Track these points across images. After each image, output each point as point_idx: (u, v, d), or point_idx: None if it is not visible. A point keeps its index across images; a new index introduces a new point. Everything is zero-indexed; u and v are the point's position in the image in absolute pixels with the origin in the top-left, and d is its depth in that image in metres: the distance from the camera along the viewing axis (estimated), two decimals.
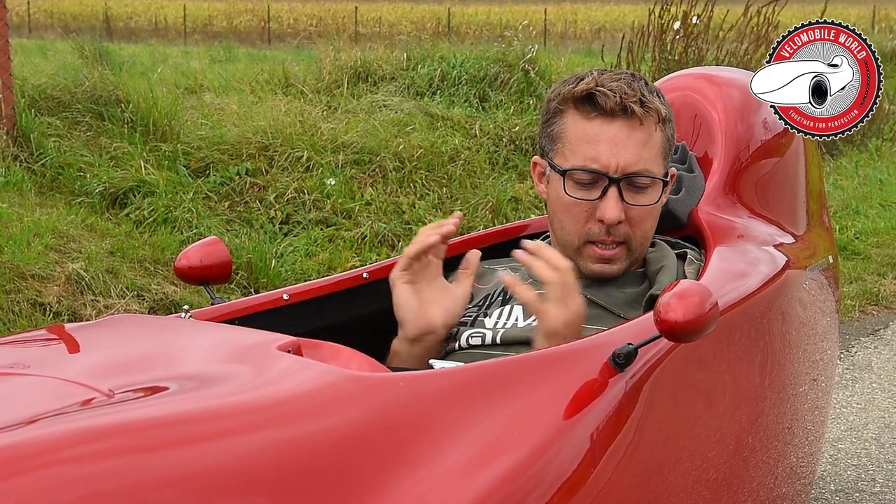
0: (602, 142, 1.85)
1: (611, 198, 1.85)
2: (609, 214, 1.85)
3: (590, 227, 1.88)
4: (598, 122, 1.86)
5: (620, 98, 1.84)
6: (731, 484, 1.95)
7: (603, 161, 1.85)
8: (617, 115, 1.85)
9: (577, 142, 1.87)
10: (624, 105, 1.84)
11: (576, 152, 1.87)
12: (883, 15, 26.58)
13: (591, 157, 1.85)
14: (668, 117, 1.91)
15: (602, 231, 1.88)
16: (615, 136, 1.85)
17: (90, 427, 1.14)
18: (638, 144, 1.86)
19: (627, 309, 1.88)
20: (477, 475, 1.20)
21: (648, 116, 1.86)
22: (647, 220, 1.91)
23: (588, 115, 1.86)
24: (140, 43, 21.29)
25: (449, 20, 28.02)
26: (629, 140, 1.85)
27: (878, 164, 8.68)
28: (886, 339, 5.13)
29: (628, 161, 1.85)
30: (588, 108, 1.86)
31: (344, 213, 5.97)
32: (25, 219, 4.89)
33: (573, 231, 1.90)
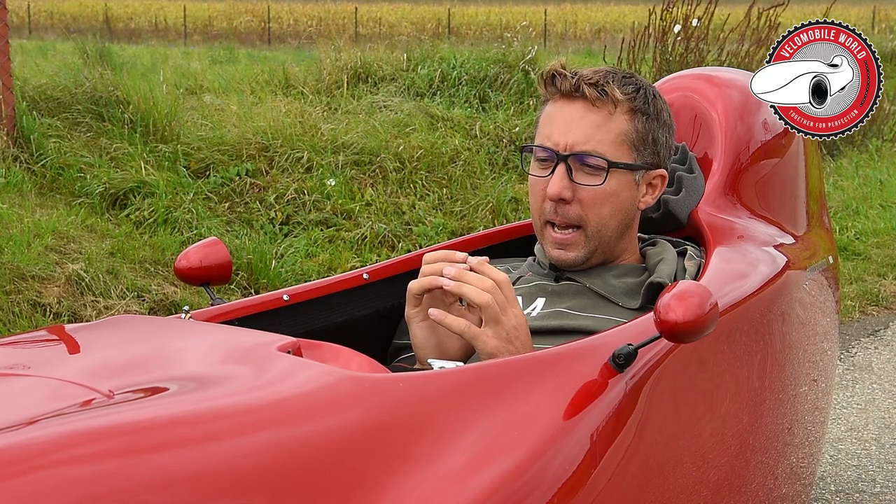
0: (557, 121, 1.91)
1: (556, 174, 1.88)
2: (551, 189, 1.88)
3: (545, 206, 1.92)
4: (559, 104, 1.92)
5: (578, 80, 1.89)
6: (732, 484, 1.95)
7: (555, 139, 1.90)
8: (574, 97, 1.90)
9: (542, 123, 1.95)
10: (578, 86, 1.89)
11: (539, 132, 1.94)
12: (883, 15, 26.59)
13: (545, 135, 1.92)
14: (640, 109, 1.91)
15: (551, 210, 1.90)
16: (569, 116, 1.90)
17: (90, 428, 1.14)
18: (591, 125, 1.89)
19: (626, 298, 1.90)
20: (477, 476, 1.20)
21: (603, 100, 1.88)
22: (603, 205, 1.90)
23: (553, 97, 1.93)
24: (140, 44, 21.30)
25: (449, 21, 28.03)
26: (582, 120, 1.89)
27: (879, 164, 8.68)
28: (887, 340, 5.13)
29: (576, 139, 1.88)
30: (552, 91, 1.93)
31: (344, 213, 5.97)
32: (26, 220, 4.89)
33: (535, 211, 1.95)
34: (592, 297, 1.90)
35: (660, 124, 1.95)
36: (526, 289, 1.96)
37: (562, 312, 1.87)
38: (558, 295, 1.92)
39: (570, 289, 1.93)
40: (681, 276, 1.96)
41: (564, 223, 1.90)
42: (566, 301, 1.90)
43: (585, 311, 1.86)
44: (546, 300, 1.92)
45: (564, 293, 1.93)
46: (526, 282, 1.98)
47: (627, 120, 1.90)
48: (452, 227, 6.03)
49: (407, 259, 2.22)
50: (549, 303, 1.91)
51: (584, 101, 1.89)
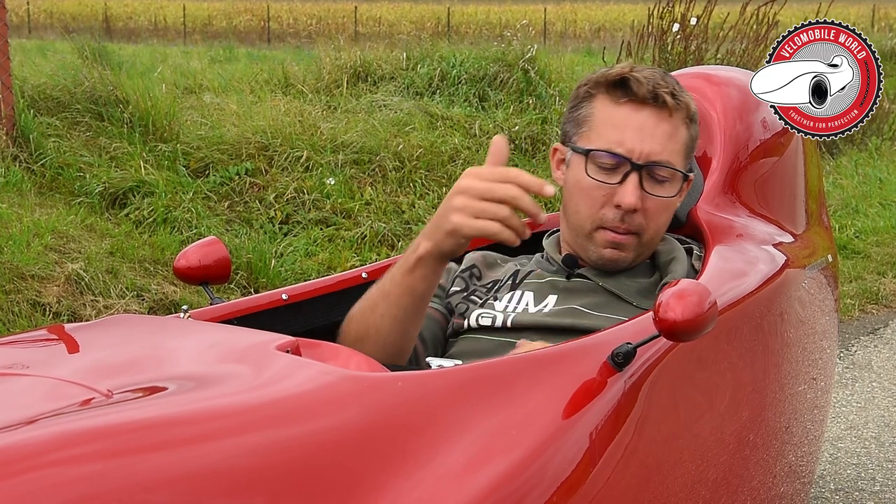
0: (629, 127, 1.85)
1: (630, 183, 1.84)
2: (627, 199, 1.84)
3: (605, 212, 1.87)
4: (627, 108, 1.86)
5: (653, 86, 1.84)
6: (731, 483, 1.95)
7: (628, 146, 1.84)
8: (647, 103, 1.85)
9: (604, 125, 1.87)
10: (656, 93, 1.84)
11: (601, 135, 1.87)
12: (882, 14, 26.59)
13: (616, 141, 1.85)
14: (695, 117, 1.92)
15: (617, 217, 1.86)
16: (643, 124, 1.85)
17: (89, 427, 1.14)
18: (664, 135, 1.85)
19: (641, 298, 1.89)
20: (476, 475, 1.20)
21: (678, 109, 1.86)
22: (663, 214, 1.90)
23: (618, 101, 1.87)
24: (140, 43, 21.30)
25: (448, 20, 28.02)
26: (656, 129, 1.85)
27: (878, 163, 8.68)
28: (886, 338, 5.13)
29: (652, 149, 1.84)
30: (619, 94, 1.86)
31: (343, 212, 5.97)
32: (25, 219, 4.89)
33: (587, 215, 1.89)
34: (606, 296, 1.89)
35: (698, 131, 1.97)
36: (537, 284, 1.94)
37: (576, 310, 1.86)
38: (570, 292, 1.91)
39: (583, 286, 1.92)
40: (691, 275, 1.96)
41: (627, 231, 1.88)
42: (579, 298, 1.89)
43: (600, 311, 1.85)
44: (558, 297, 1.90)
45: (577, 290, 1.91)
46: (537, 277, 1.96)
47: (686, 128, 1.90)
48: None
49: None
50: (561, 299, 1.90)
51: (656, 109, 1.85)
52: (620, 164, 1.85)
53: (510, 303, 1.92)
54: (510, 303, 1.92)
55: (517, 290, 1.94)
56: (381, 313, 1.71)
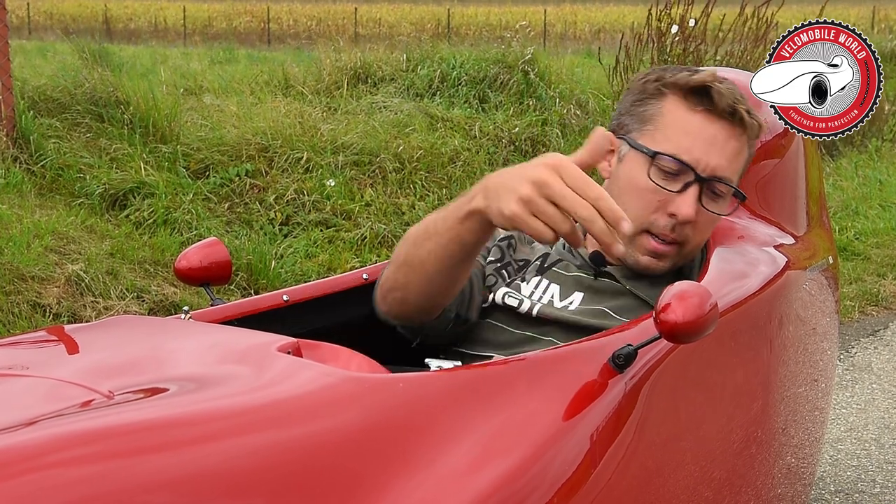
0: (700, 138, 1.81)
1: (690, 194, 1.81)
2: (685, 211, 1.81)
3: (656, 217, 1.84)
4: (700, 117, 1.82)
5: (733, 101, 1.81)
6: (733, 484, 1.95)
7: (695, 155, 1.81)
8: (723, 118, 1.82)
9: (674, 129, 1.83)
10: (734, 109, 1.81)
11: (669, 139, 1.83)
12: (883, 16, 26.60)
13: (684, 149, 1.81)
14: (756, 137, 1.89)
15: (668, 226, 1.83)
16: (714, 137, 1.82)
17: (90, 428, 1.14)
18: (732, 152, 1.83)
19: None
20: (477, 476, 1.20)
21: (751, 129, 1.84)
22: (709, 228, 1.89)
23: (694, 108, 1.83)
24: (140, 44, 21.31)
25: (448, 21, 28.04)
26: (726, 144, 1.82)
27: (878, 164, 8.69)
28: (886, 340, 5.13)
29: (719, 164, 1.82)
30: (696, 101, 1.82)
31: (344, 214, 5.97)
32: (25, 220, 4.90)
33: (636, 216, 1.83)
34: (633, 301, 1.87)
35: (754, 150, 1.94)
36: (563, 277, 1.91)
37: (604, 312, 1.84)
38: (597, 292, 1.88)
39: (610, 288, 1.89)
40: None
41: (673, 241, 1.85)
42: (606, 300, 1.87)
43: (627, 315, 1.83)
44: (584, 295, 1.88)
45: (604, 291, 1.89)
46: (564, 269, 1.92)
47: (749, 148, 1.88)
48: None
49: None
50: (588, 298, 1.87)
51: (728, 124, 1.82)
52: (684, 172, 1.81)
53: (536, 289, 1.89)
54: (536, 289, 1.89)
55: (543, 276, 1.91)
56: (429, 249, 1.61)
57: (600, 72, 8.84)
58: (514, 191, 1.41)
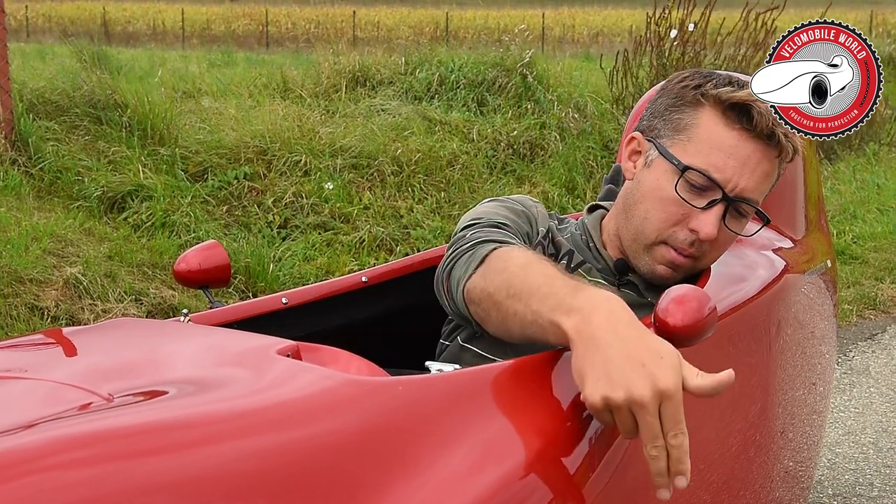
0: (733, 156, 1.78)
1: (714, 213, 1.78)
2: (707, 230, 1.78)
3: (676, 230, 1.81)
4: (736, 135, 1.79)
5: (772, 123, 1.78)
6: (731, 487, 1.95)
7: (727, 175, 1.78)
8: (759, 138, 1.79)
9: (708, 144, 1.79)
10: (773, 132, 1.79)
11: (701, 152, 1.79)
12: (881, 20, 26.63)
13: (716, 166, 1.78)
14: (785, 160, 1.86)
15: (687, 241, 1.80)
16: (748, 157, 1.78)
17: (89, 431, 1.14)
18: (763, 174, 1.80)
19: None
20: (477, 479, 1.20)
21: (786, 152, 1.81)
22: (726, 246, 1.86)
23: (731, 125, 1.79)
24: (138, 47, 21.31)
25: (447, 24, 28.06)
26: (758, 166, 1.79)
27: (876, 168, 8.70)
28: (884, 344, 5.14)
29: (748, 186, 1.79)
30: (734, 118, 1.79)
31: (342, 217, 5.97)
32: (23, 223, 4.89)
33: (657, 227, 1.81)
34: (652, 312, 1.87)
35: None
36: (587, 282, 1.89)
37: None
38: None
39: (631, 300, 1.86)
40: None
41: (691, 256, 1.83)
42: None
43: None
44: None
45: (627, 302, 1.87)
46: (587, 272, 1.89)
47: (778, 170, 1.85)
48: (450, 231, 6.04)
49: (405, 263, 2.22)
50: None
51: (764, 146, 1.79)
52: (711, 189, 1.79)
53: None
54: None
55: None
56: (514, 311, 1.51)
57: (598, 75, 8.85)
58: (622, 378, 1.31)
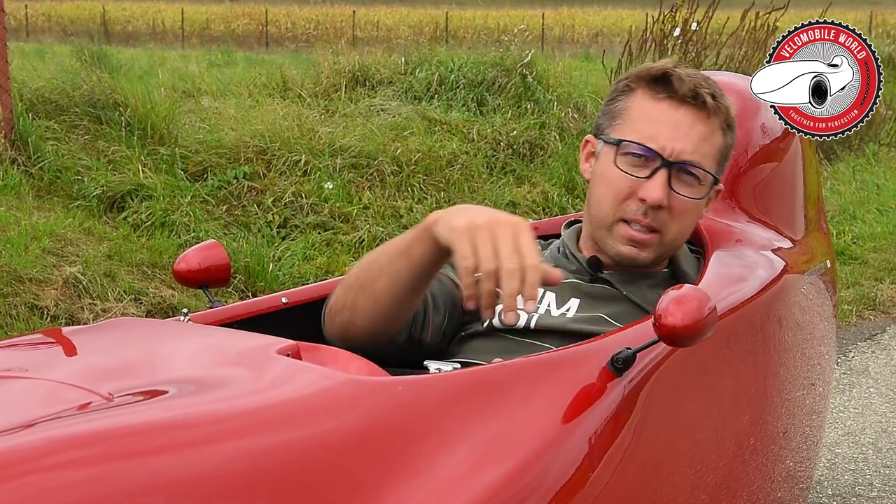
0: (665, 123, 1.84)
1: (658, 179, 1.83)
2: (653, 194, 1.82)
3: (628, 204, 1.85)
4: (665, 105, 1.85)
5: (694, 85, 1.83)
6: (730, 488, 1.96)
7: (661, 142, 1.83)
8: (686, 102, 1.84)
9: (639, 118, 1.86)
10: (696, 93, 1.83)
11: (635, 128, 1.86)
12: (880, 20, 26.63)
13: (649, 136, 1.84)
14: (733, 125, 1.90)
15: (640, 211, 1.84)
16: (679, 122, 1.84)
17: (89, 431, 1.14)
18: (699, 136, 1.84)
19: None
20: (476, 479, 1.20)
21: (717, 113, 1.85)
22: (687, 216, 1.88)
23: (657, 96, 1.86)
24: (138, 47, 21.29)
25: (447, 24, 28.05)
26: (692, 129, 1.84)
27: (876, 169, 8.70)
28: (884, 344, 5.13)
29: (685, 148, 1.83)
30: (659, 89, 1.85)
31: (342, 216, 5.97)
32: (23, 222, 4.89)
33: (610, 206, 1.87)
34: (629, 306, 1.87)
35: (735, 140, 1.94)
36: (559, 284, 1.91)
37: (602, 318, 1.84)
38: (594, 298, 1.88)
39: (606, 293, 1.89)
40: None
41: (649, 227, 1.86)
42: (603, 307, 1.86)
43: (625, 321, 1.82)
44: (581, 301, 1.88)
45: (600, 297, 1.89)
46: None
47: (722, 135, 1.88)
48: None
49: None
50: (584, 305, 1.87)
51: (695, 109, 1.84)
52: (651, 158, 1.84)
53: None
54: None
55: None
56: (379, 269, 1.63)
57: (598, 75, 8.84)
58: (470, 216, 1.47)
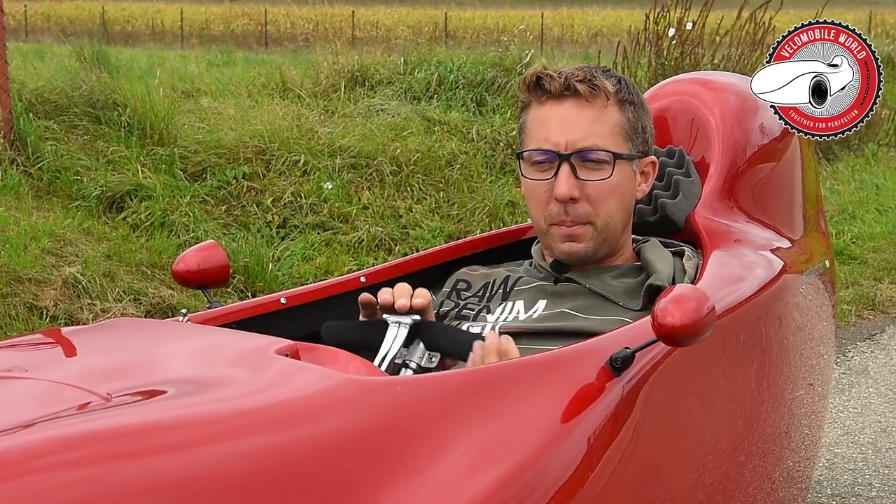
0: (551, 122, 1.89)
1: (562, 174, 1.87)
2: (559, 190, 1.87)
3: (550, 208, 1.90)
4: (548, 105, 1.91)
5: (565, 78, 1.88)
6: (728, 488, 1.96)
7: (553, 140, 1.88)
8: (565, 96, 1.89)
9: (533, 127, 1.93)
10: (568, 84, 1.88)
11: (532, 137, 1.92)
12: (879, 20, 26.62)
13: (542, 138, 1.90)
14: (627, 99, 1.92)
15: (560, 211, 1.89)
16: (564, 115, 1.89)
17: (87, 431, 1.14)
18: (587, 121, 1.88)
19: (627, 298, 1.89)
20: (475, 479, 1.20)
21: (596, 94, 1.88)
22: (610, 198, 1.91)
23: (540, 100, 1.92)
24: (137, 47, 21.28)
25: (446, 24, 28.05)
26: (578, 117, 1.88)
27: (875, 168, 8.70)
28: (883, 344, 5.13)
29: (576, 137, 1.88)
30: (539, 93, 1.91)
31: (341, 217, 5.97)
32: (22, 222, 4.89)
33: (538, 215, 1.93)
34: (593, 298, 1.90)
35: (644, 112, 1.97)
36: (526, 291, 1.95)
37: (564, 313, 1.87)
38: (559, 296, 1.92)
39: (571, 289, 1.93)
40: (679, 276, 1.96)
41: (574, 222, 1.90)
42: (567, 301, 1.90)
43: (588, 312, 1.86)
44: (547, 301, 1.92)
45: (565, 294, 1.92)
46: (526, 283, 1.98)
47: (618, 111, 1.91)
48: (449, 231, 6.04)
49: (403, 262, 2.22)
50: (550, 304, 1.91)
51: (575, 99, 1.89)
52: (550, 158, 1.89)
53: (503, 313, 1.93)
54: (503, 313, 1.93)
55: (509, 300, 1.96)
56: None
57: None
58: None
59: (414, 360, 1.68)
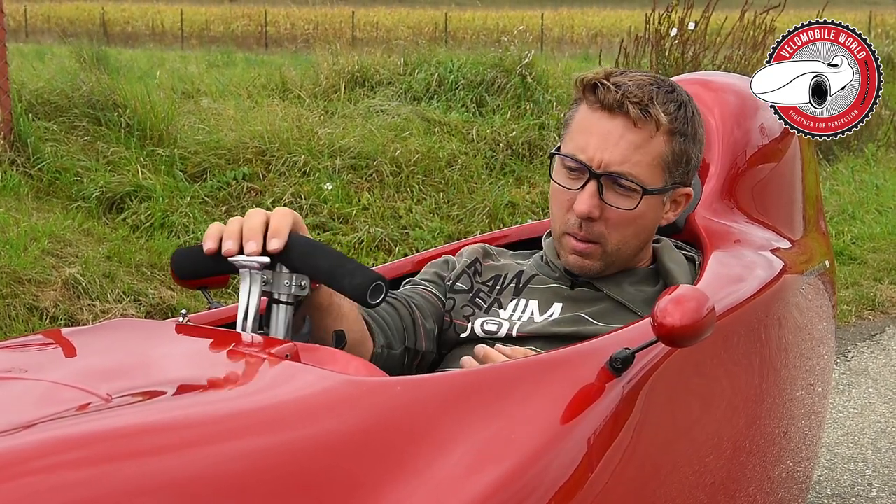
0: (594, 134, 1.83)
1: (587, 191, 1.83)
2: (579, 207, 1.83)
3: (568, 216, 1.86)
4: (598, 115, 1.84)
5: (622, 95, 1.81)
6: (728, 488, 1.96)
7: (589, 153, 1.83)
8: (616, 112, 1.82)
9: (577, 130, 1.87)
10: (622, 103, 1.81)
11: (572, 140, 1.87)
12: (879, 20, 26.62)
13: (580, 147, 1.84)
14: (680, 130, 1.86)
15: (576, 224, 1.85)
16: (608, 132, 1.82)
17: (88, 432, 1.14)
18: (629, 145, 1.82)
19: (645, 308, 1.85)
20: (475, 479, 1.20)
21: (646, 121, 1.82)
22: (628, 227, 1.86)
23: (593, 106, 1.85)
24: (137, 47, 21.29)
25: (446, 25, 28.05)
26: (621, 139, 1.82)
27: (875, 169, 8.70)
28: (883, 344, 5.13)
29: (613, 159, 1.82)
30: (594, 99, 1.85)
31: (341, 217, 5.97)
32: (22, 223, 4.89)
33: (556, 218, 1.90)
34: (611, 305, 1.88)
35: (695, 143, 1.90)
36: (540, 292, 1.93)
37: (581, 318, 1.86)
38: (575, 301, 1.90)
39: (587, 295, 1.90)
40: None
41: (586, 239, 1.86)
42: (584, 307, 1.88)
43: (605, 320, 1.84)
44: (563, 305, 1.89)
45: (581, 299, 1.90)
46: (540, 283, 1.94)
47: (665, 141, 1.85)
48: (449, 232, 6.04)
49: (403, 263, 2.22)
50: (566, 308, 1.89)
51: (625, 119, 1.82)
52: (581, 170, 1.84)
53: (515, 311, 1.91)
54: (515, 311, 1.91)
55: (521, 297, 1.93)
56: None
57: None
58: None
59: (283, 294, 1.54)
